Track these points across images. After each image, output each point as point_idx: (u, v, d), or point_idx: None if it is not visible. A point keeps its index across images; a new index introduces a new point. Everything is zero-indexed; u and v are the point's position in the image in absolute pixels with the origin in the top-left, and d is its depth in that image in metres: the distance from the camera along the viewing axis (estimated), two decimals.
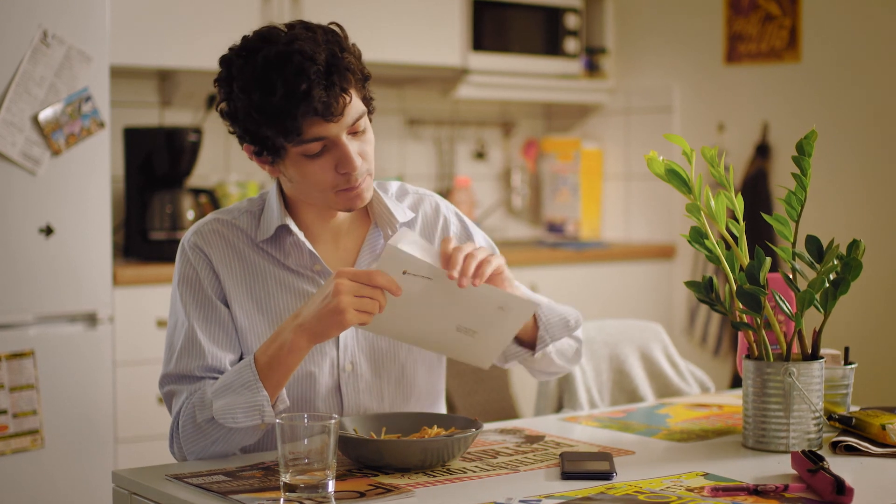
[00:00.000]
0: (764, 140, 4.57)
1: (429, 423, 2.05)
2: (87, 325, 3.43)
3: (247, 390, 1.96)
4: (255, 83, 1.95)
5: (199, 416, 2.00)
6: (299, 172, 2.03)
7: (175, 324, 2.12)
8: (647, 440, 2.17)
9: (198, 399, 2.02)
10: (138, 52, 3.88)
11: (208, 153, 4.34)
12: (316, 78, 1.94)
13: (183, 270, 2.13)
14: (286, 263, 2.14)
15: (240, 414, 1.96)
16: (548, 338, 2.17)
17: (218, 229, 2.14)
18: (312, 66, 1.94)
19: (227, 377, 2.00)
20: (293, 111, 1.94)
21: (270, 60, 1.95)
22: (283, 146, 2.00)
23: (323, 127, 1.98)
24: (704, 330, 4.72)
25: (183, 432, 2.03)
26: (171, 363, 2.09)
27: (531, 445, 2.10)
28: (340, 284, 1.88)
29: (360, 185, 2.06)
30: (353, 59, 2.01)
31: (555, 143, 5.23)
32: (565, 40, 4.97)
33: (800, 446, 2.05)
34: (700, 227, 2.13)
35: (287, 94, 1.93)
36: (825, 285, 2.06)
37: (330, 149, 2.01)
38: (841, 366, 2.22)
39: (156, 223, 3.93)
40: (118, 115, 3.95)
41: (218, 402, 1.98)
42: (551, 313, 2.19)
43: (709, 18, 4.81)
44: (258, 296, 2.12)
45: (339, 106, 1.97)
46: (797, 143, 2.09)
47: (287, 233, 2.13)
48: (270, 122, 1.96)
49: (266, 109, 1.95)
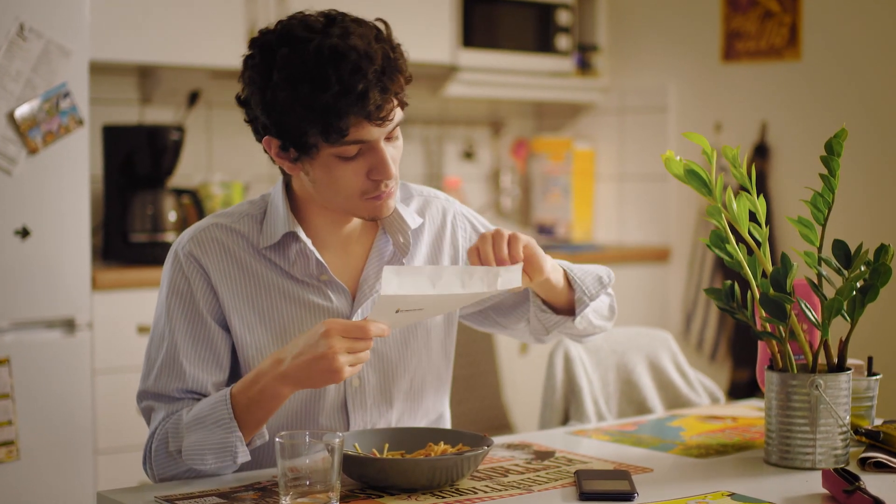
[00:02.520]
0: (762, 140, 4.53)
1: (434, 438, 1.95)
2: (64, 331, 3.37)
3: (219, 428, 1.88)
4: (306, 76, 1.84)
5: (172, 445, 1.92)
6: (328, 174, 1.92)
7: (157, 336, 2.02)
8: (663, 456, 2.10)
9: (172, 426, 1.93)
10: (119, 46, 3.81)
11: (191, 152, 4.27)
12: (374, 78, 1.85)
13: (174, 280, 2.01)
14: (291, 272, 2.03)
15: (209, 455, 1.88)
16: (586, 298, 2.10)
17: (217, 237, 2.02)
18: (370, 65, 1.85)
19: (202, 408, 1.91)
20: (345, 111, 1.84)
21: (324, 54, 1.85)
22: (316, 144, 1.89)
23: (366, 130, 1.88)
24: (700, 335, 4.66)
25: (156, 457, 1.94)
26: (150, 380, 2.00)
27: (542, 462, 2.02)
28: (333, 345, 1.78)
29: (388, 193, 1.96)
30: (403, 61, 1.93)
31: (546, 143, 5.18)
32: (557, 37, 4.92)
33: (826, 463, 1.97)
34: (721, 231, 2.02)
35: (342, 92, 1.83)
36: (853, 293, 1.97)
37: (365, 153, 1.92)
38: (865, 377, 2.13)
39: (136, 225, 3.86)
40: (97, 112, 3.88)
41: (189, 436, 1.89)
42: (583, 273, 2.11)
43: (706, 15, 4.76)
44: (261, 307, 2.01)
45: (389, 110, 1.89)
46: (826, 143, 1.99)
47: (293, 240, 2.02)
48: (315, 118, 1.85)
49: (313, 105, 1.84)
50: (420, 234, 2.14)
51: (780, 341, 1.99)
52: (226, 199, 4.11)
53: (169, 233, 3.83)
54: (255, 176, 4.42)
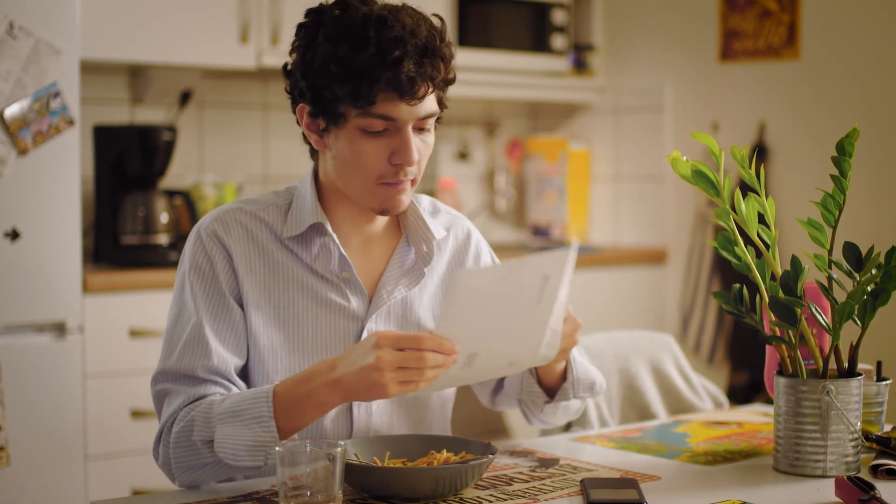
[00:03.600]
0: (761, 140, 4.50)
1: (436, 446, 1.91)
2: (55, 334, 3.34)
3: (257, 424, 1.80)
4: (347, 35, 1.87)
5: (198, 434, 1.84)
6: (351, 148, 1.92)
7: (179, 315, 1.96)
8: (670, 463, 2.06)
9: (200, 414, 1.85)
10: (110, 45, 3.77)
11: (183, 153, 4.22)
12: (413, 52, 1.86)
13: (196, 259, 1.97)
14: (312, 266, 2.00)
15: (242, 451, 1.80)
16: (571, 393, 2.06)
17: (241, 220, 1.99)
18: (412, 39, 1.87)
19: (239, 401, 1.83)
20: (376, 74, 1.85)
21: (370, 18, 1.88)
22: (344, 113, 1.89)
23: (395, 106, 1.88)
24: (698, 338, 4.63)
25: (175, 444, 1.87)
26: (172, 358, 1.93)
27: (547, 470, 1.98)
28: (381, 359, 1.72)
29: (405, 183, 1.94)
30: (448, 54, 1.93)
31: (540, 144, 5.14)
32: (552, 36, 4.88)
33: (837, 471, 1.93)
34: (729, 234, 1.98)
35: (377, 54, 1.85)
36: (864, 296, 1.93)
37: (392, 133, 1.91)
38: (874, 382, 2.10)
39: (128, 227, 3.81)
40: (87, 112, 3.83)
41: (222, 428, 1.81)
42: (582, 370, 2.07)
43: (703, 14, 4.73)
44: (277, 299, 1.98)
45: (420, 89, 1.88)
46: (837, 143, 1.96)
47: (317, 233, 2.00)
48: (347, 78, 1.86)
49: (347, 64, 1.86)
50: (443, 247, 2.12)
51: (790, 346, 1.95)
52: (218, 199, 4.07)
53: (161, 234, 3.79)
54: (248, 177, 4.38)
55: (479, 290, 1.73)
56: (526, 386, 2.07)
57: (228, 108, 4.33)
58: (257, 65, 3.99)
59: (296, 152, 4.51)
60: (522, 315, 1.80)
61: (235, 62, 3.96)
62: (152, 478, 3.48)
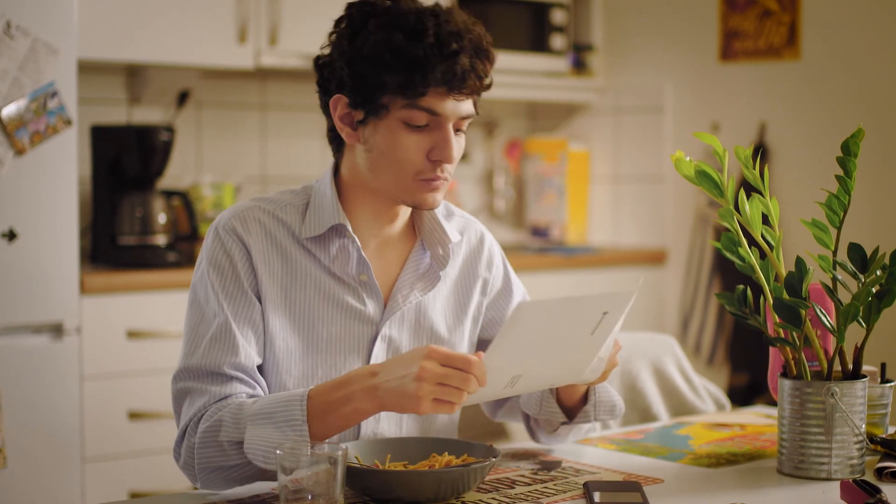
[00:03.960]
0: (761, 141, 4.48)
1: (437, 449, 1.89)
2: (52, 336, 3.32)
3: (289, 428, 1.77)
4: (403, 25, 1.87)
5: (225, 435, 1.80)
6: (391, 141, 1.90)
7: (202, 313, 1.93)
8: (673, 466, 2.04)
9: (229, 414, 1.82)
10: (107, 45, 3.75)
11: (181, 153, 4.21)
12: (469, 46, 1.87)
13: (215, 256, 1.94)
14: (331, 268, 1.97)
15: (273, 453, 1.76)
16: (592, 415, 2.05)
17: (260, 218, 1.97)
18: (468, 34, 1.88)
19: (271, 402, 1.80)
20: (432, 65, 1.85)
21: (425, 11, 1.89)
22: (387, 104, 1.88)
23: (442, 101, 1.88)
24: (698, 338, 4.61)
25: (201, 444, 1.82)
26: (196, 355, 1.89)
27: (549, 473, 1.96)
28: (425, 369, 1.69)
29: (440, 180, 1.93)
30: (493, 58, 1.94)
31: (540, 144, 5.12)
32: (551, 36, 4.86)
33: (841, 473, 1.92)
34: (733, 235, 1.97)
35: (436, 45, 1.85)
36: (870, 298, 1.92)
37: (433, 129, 1.91)
38: (878, 383, 2.08)
39: (125, 227, 3.79)
40: (84, 112, 3.81)
41: (253, 429, 1.78)
42: (604, 392, 2.06)
43: (703, 14, 4.71)
44: (293, 300, 1.95)
45: (470, 84, 1.89)
46: (843, 143, 1.94)
47: (336, 234, 1.98)
48: (400, 67, 1.85)
49: (403, 53, 1.85)
50: (458, 251, 2.11)
51: (795, 348, 1.94)
52: (216, 200, 4.05)
53: (159, 235, 3.77)
54: (247, 177, 4.36)
55: (537, 323, 1.73)
56: (546, 406, 2.04)
57: (226, 108, 4.32)
58: (255, 65, 3.97)
59: (294, 152, 4.49)
60: (574, 345, 1.82)
61: (233, 62, 3.94)
62: (150, 480, 3.47)
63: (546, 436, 2.13)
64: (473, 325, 2.12)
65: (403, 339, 2.02)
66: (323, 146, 4.56)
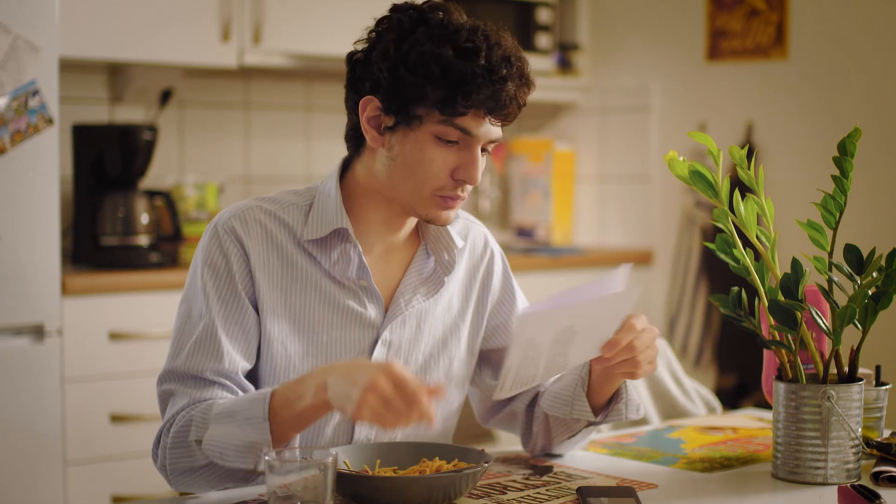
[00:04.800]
0: (749, 141, 4.47)
1: (428, 454, 1.86)
2: (33, 338, 3.29)
3: (250, 426, 1.74)
4: (456, 40, 1.83)
5: (194, 434, 1.78)
6: (419, 153, 1.87)
7: (189, 313, 1.90)
8: (666, 470, 2.02)
9: (199, 413, 1.80)
10: (89, 43, 3.71)
11: (163, 153, 4.17)
12: (516, 74, 1.85)
13: (211, 255, 1.91)
14: (331, 272, 1.94)
15: (231, 451, 1.74)
16: (624, 414, 2.02)
17: (260, 219, 1.94)
18: (517, 62, 1.86)
19: (238, 402, 1.78)
20: (479, 87, 1.81)
21: (477, 29, 1.85)
22: (422, 116, 1.85)
23: (478, 122, 1.85)
24: (685, 340, 4.59)
25: (172, 444, 1.81)
26: (181, 357, 1.87)
27: (541, 478, 1.94)
28: (375, 384, 1.62)
29: (459, 200, 1.91)
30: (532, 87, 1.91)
31: (525, 144, 5.10)
32: (537, 36, 4.83)
33: (837, 478, 1.90)
34: (728, 236, 1.94)
35: (486, 67, 1.81)
36: (866, 300, 1.89)
37: (461, 148, 1.87)
38: (873, 386, 2.06)
39: (107, 228, 3.76)
40: (66, 111, 3.78)
41: (215, 427, 1.76)
42: (633, 391, 2.03)
43: (690, 13, 4.70)
44: (293, 303, 1.92)
45: (511, 112, 1.86)
46: (839, 143, 1.92)
47: (338, 238, 1.94)
48: (447, 83, 1.81)
49: (452, 69, 1.81)
50: (461, 254, 2.09)
51: (791, 350, 1.91)
52: (199, 200, 4.02)
53: (141, 236, 3.74)
54: (230, 177, 4.32)
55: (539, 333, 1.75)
56: (577, 405, 1.99)
57: (209, 107, 4.28)
58: (239, 63, 3.93)
59: (278, 152, 4.46)
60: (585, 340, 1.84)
61: (217, 61, 3.91)
62: (133, 483, 3.44)
63: (550, 443, 2.09)
64: (474, 331, 2.09)
65: (404, 344, 1.99)
66: (307, 145, 4.56)
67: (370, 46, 1.89)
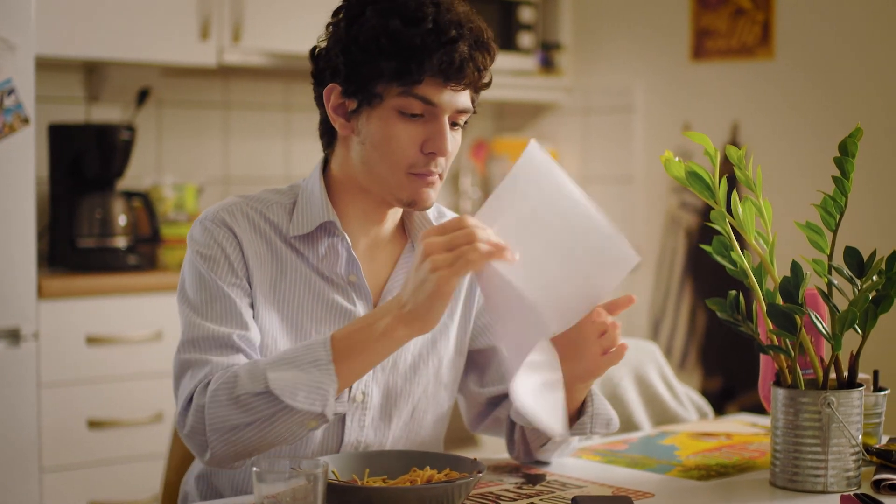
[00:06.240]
0: (734, 141, 4.46)
1: (418, 463, 1.82)
2: (9, 342, 3.26)
3: (315, 369, 1.71)
4: (402, 11, 1.83)
5: (242, 388, 1.72)
6: (384, 131, 1.85)
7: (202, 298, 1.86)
8: (661, 478, 1.98)
9: (245, 370, 1.74)
10: (66, 41, 3.68)
11: (141, 153, 4.14)
12: (468, 35, 1.83)
13: (205, 246, 1.88)
14: (319, 267, 1.92)
15: (302, 390, 1.70)
16: (588, 428, 1.97)
17: (247, 212, 1.92)
18: (468, 24, 1.84)
19: (290, 352, 1.75)
20: (430, 51, 1.80)
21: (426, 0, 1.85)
22: (381, 93, 1.83)
23: (438, 91, 1.83)
24: (669, 342, 4.57)
25: (212, 402, 1.73)
26: (203, 327, 1.83)
27: (534, 487, 1.89)
28: (433, 262, 1.64)
29: (434, 175, 1.87)
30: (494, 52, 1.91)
31: (507, 144, 5.07)
32: (519, 35, 4.82)
33: (838, 486, 1.85)
34: (725, 239, 1.90)
35: (435, 31, 1.80)
36: (867, 303, 1.85)
37: (427, 121, 1.85)
38: (871, 392, 2.02)
39: (84, 229, 3.73)
40: (42, 110, 3.74)
41: (275, 372, 1.71)
42: (600, 404, 1.98)
43: (674, 12, 4.69)
44: (282, 296, 1.90)
45: (468, 75, 1.84)
46: (840, 143, 1.88)
47: (325, 233, 1.93)
48: (396, 53, 1.81)
49: (400, 39, 1.80)
50: None
51: (790, 356, 1.87)
52: (178, 201, 3.98)
53: (119, 237, 3.71)
54: (209, 178, 4.28)
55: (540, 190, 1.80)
56: None
57: (188, 107, 4.24)
58: (218, 62, 3.90)
59: (258, 153, 4.42)
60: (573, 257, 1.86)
61: (195, 59, 3.87)
62: (111, 490, 3.42)
63: (531, 452, 2.05)
64: (462, 331, 2.06)
65: None
66: (286, 145, 4.51)
67: (328, 37, 1.90)
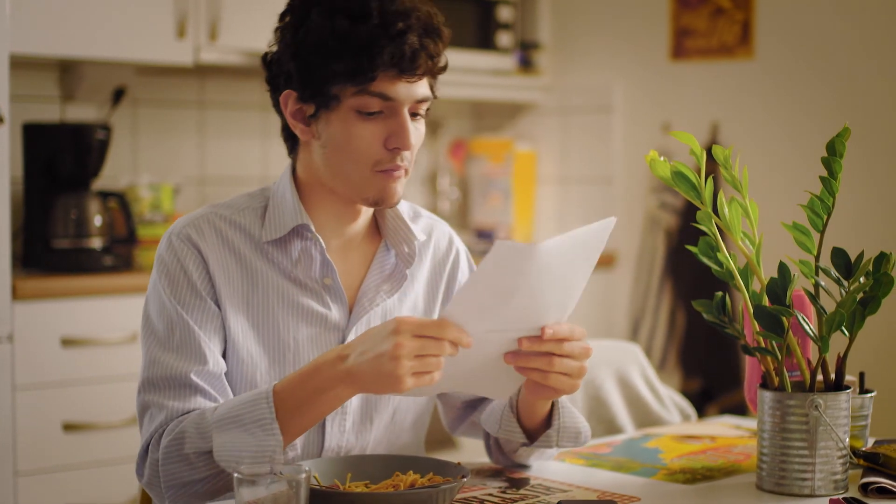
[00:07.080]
0: (714, 141, 4.43)
1: (401, 467, 1.79)
2: None
3: (259, 429, 1.69)
4: (346, 8, 1.80)
5: (190, 446, 1.71)
6: (345, 132, 1.83)
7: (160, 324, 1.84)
8: (647, 482, 1.96)
9: (192, 424, 1.73)
10: (40, 39, 3.62)
11: (117, 153, 4.09)
12: (416, 25, 1.80)
13: (167, 265, 1.86)
14: (292, 273, 1.90)
15: (247, 457, 1.68)
16: (554, 441, 1.94)
17: (216, 225, 1.90)
18: (415, 13, 1.81)
19: (235, 405, 1.72)
20: (379, 46, 1.77)
21: None
22: (338, 94, 1.81)
23: (394, 85, 1.80)
24: (649, 343, 4.55)
25: (165, 459, 1.74)
26: (160, 364, 1.81)
27: (518, 491, 1.86)
28: (400, 346, 1.61)
29: (400, 170, 1.85)
30: (446, 37, 1.86)
31: (485, 144, 5.05)
32: (497, 34, 4.80)
33: (825, 489, 1.83)
34: (711, 240, 1.88)
35: (382, 25, 1.77)
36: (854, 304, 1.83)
37: (387, 116, 1.83)
38: (858, 394, 2.01)
39: (59, 230, 3.69)
40: (16, 109, 3.69)
41: (221, 436, 1.70)
42: (569, 417, 1.94)
43: (654, 12, 4.67)
44: (255, 308, 1.88)
45: (422, 65, 1.81)
46: (828, 143, 1.86)
47: (298, 237, 1.90)
48: (346, 53, 1.78)
49: (348, 38, 1.78)
50: (425, 252, 2.04)
51: (777, 358, 1.85)
52: (154, 201, 3.94)
53: (94, 238, 3.67)
54: (185, 178, 4.24)
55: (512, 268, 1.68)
56: (505, 424, 1.94)
57: (164, 106, 4.20)
58: (194, 61, 3.86)
59: (234, 152, 4.39)
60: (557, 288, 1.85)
61: (171, 58, 3.83)
62: (87, 494, 3.39)
63: (503, 456, 2.03)
64: None
65: None
66: (264, 145, 4.48)
67: (277, 42, 1.88)
